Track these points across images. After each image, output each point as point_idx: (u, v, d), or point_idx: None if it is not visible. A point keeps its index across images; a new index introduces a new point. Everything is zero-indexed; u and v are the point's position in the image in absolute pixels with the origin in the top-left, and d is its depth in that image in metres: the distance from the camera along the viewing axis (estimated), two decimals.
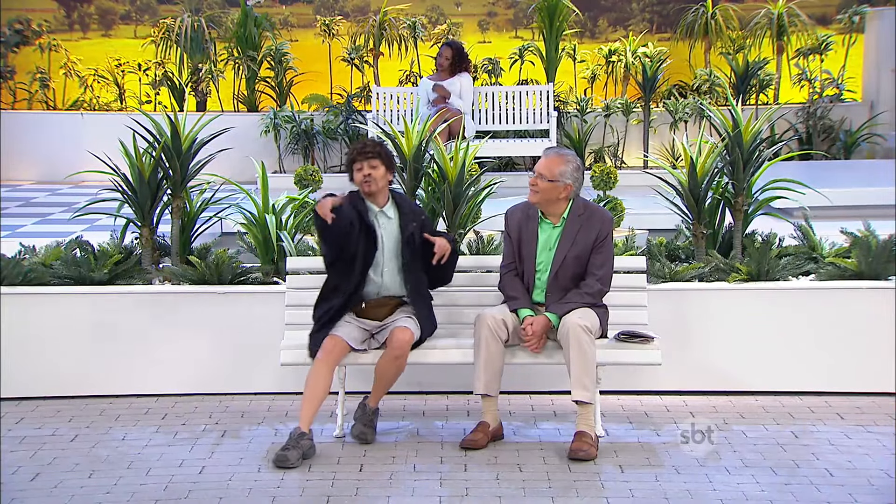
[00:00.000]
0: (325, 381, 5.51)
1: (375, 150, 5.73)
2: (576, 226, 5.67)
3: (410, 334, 5.60)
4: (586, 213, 5.71)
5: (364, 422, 5.71)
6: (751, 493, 4.98)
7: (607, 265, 5.70)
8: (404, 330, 5.60)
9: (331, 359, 5.55)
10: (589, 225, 5.67)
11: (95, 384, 6.45)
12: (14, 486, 5.12)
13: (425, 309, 5.75)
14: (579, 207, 5.71)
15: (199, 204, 7.02)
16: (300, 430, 5.42)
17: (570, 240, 5.66)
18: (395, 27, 13.30)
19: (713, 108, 7.38)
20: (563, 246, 5.67)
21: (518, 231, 5.77)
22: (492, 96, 11.86)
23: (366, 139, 6.13)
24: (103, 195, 6.94)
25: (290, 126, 12.21)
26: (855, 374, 6.39)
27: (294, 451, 5.33)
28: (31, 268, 6.48)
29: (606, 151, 12.62)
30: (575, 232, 5.66)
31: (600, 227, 5.67)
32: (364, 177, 5.70)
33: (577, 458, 5.36)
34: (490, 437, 5.59)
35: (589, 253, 5.66)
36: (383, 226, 5.73)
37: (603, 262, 5.68)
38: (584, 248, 5.65)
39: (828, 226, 7.13)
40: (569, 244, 5.66)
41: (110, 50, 14.83)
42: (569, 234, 5.67)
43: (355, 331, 5.65)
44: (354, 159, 5.74)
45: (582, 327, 5.44)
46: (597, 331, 5.60)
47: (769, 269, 6.42)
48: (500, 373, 5.59)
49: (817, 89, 13.06)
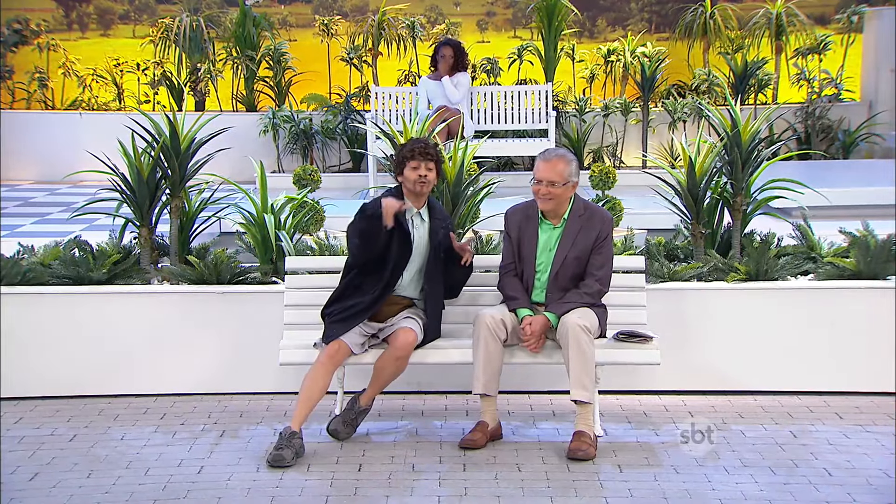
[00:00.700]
0: (323, 384, 5.50)
1: (435, 153, 5.68)
2: (576, 226, 5.66)
3: (414, 336, 5.59)
4: (587, 213, 5.70)
5: (345, 419, 5.69)
6: (749, 493, 4.98)
7: (607, 266, 5.70)
8: (408, 331, 5.59)
9: (332, 363, 5.54)
10: (589, 225, 5.66)
11: (94, 384, 6.44)
12: (13, 485, 5.11)
13: (435, 314, 5.73)
14: (580, 208, 5.71)
15: (198, 204, 7.02)
16: (291, 430, 5.41)
17: (571, 240, 5.65)
18: (393, 27, 13.30)
19: (712, 107, 7.38)
20: (563, 246, 5.66)
21: (518, 231, 5.76)
22: (490, 96, 11.86)
23: (422, 138, 6.03)
24: (102, 195, 6.94)
25: (289, 126, 12.21)
26: (854, 374, 6.39)
27: (288, 450, 5.32)
28: (29, 267, 6.48)
29: (605, 151, 12.63)
30: (576, 232, 5.65)
31: (601, 228, 5.66)
32: (420, 177, 5.62)
33: (576, 457, 5.36)
34: (489, 436, 5.59)
35: (589, 253, 5.66)
36: (417, 228, 5.70)
37: (602, 263, 5.67)
38: (584, 249, 5.65)
39: (826, 225, 7.13)
40: (569, 245, 5.65)
41: (109, 50, 14.85)
42: (569, 234, 5.66)
43: (359, 336, 5.62)
44: (412, 157, 5.63)
45: (581, 327, 5.44)
46: (595, 330, 5.60)
47: (768, 269, 6.42)
48: (498, 372, 5.58)
49: (816, 89, 13.07)
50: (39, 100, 14.12)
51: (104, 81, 13.97)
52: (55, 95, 14.19)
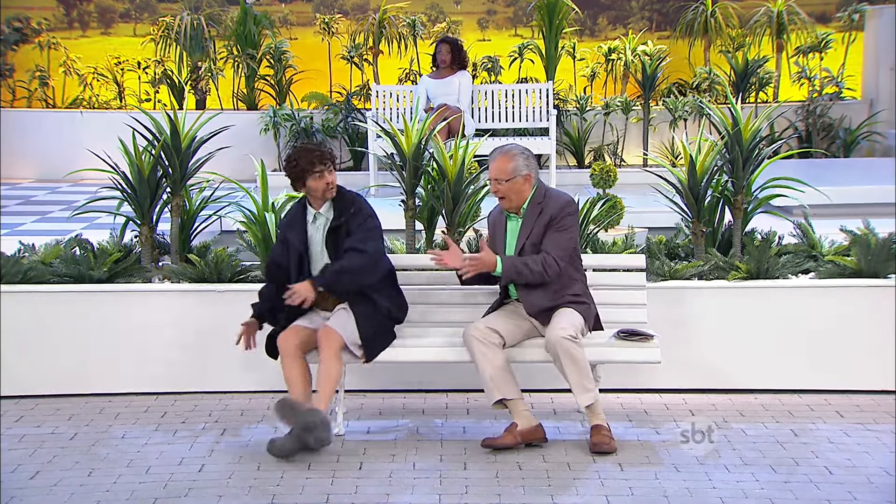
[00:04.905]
0: (298, 378, 5.54)
1: (330, 155, 5.70)
2: (534, 214, 5.65)
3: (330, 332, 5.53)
4: (545, 200, 5.67)
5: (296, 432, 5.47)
6: (750, 491, 4.98)
7: (561, 247, 5.57)
8: (326, 330, 5.56)
9: (291, 354, 5.56)
10: (546, 210, 5.63)
11: (95, 382, 6.45)
12: (13, 484, 5.12)
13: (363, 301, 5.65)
14: (539, 195, 5.68)
15: (199, 202, 7.02)
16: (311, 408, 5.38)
17: (529, 227, 5.65)
18: (394, 25, 13.29)
19: (713, 106, 7.37)
20: (521, 235, 5.67)
21: (493, 228, 5.83)
22: (491, 94, 11.85)
23: (307, 144, 5.87)
24: (103, 193, 6.94)
25: (290, 124, 12.20)
26: (854, 372, 6.39)
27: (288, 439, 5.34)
28: (30, 266, 6.49)
29: (606, 150, 12.62)
30: (533, 220, 5.64)
31: (555, 211, 5.60)
32: (328, 184, 5.66)
33: (601, 451, 5.40)
34: (520, 437, 5.48)
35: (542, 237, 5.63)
36: (318, 227, 5.73)
37: (557, 243, 5.56)
38: (538, 234, 5.62)
39: (827, 224, 7.12)
40: (528, 232, 5.65)
41: (109, 48, 14.84)
42: (528, 222, 5.66)
43: (312, 316, 5.67)
44: (312, 168, 5.60)
45: (563, 338, 5.40)
46: (582, 329, 5.58)
47: (769, 268, 6.42)
48: (507, 373, 5.51)
49: (817, 87, 13.06)
50: (40, 98, 14.12)
51: (105, 80, 13.96)
52: (56, 94, 14.18)
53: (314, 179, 5.62)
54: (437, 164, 6.69)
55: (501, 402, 5.51)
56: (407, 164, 6.65)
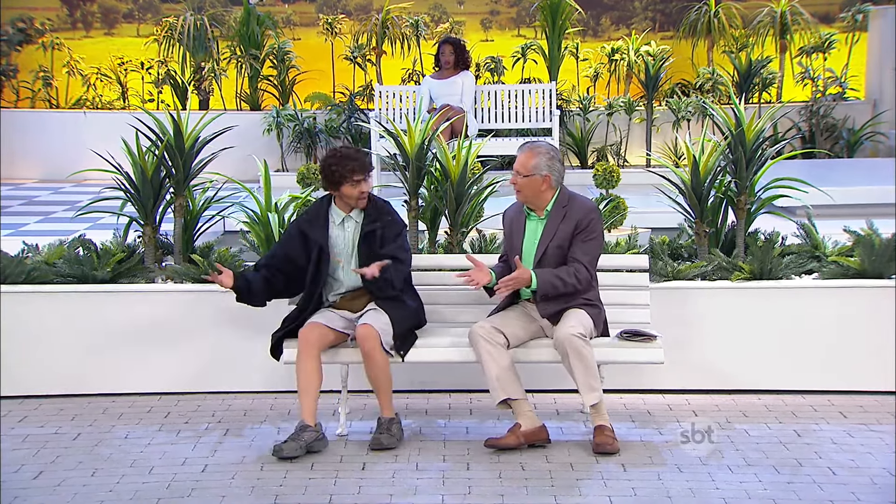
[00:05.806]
0: (313, 373, 5.51)
1: (370, 164, 5.71)
2: (559, 216, 5.65)
3: (370, 329, 5.52)
4: (570, 204, 5.68)
5: (380, 431, 5.61)
6: (753, 492, 4.98)
7: (592, 255, 5.62)
8: (364, 327, 5.54)
9: (311, 347, 5.53)
10: (571, 215, 5.64)
11: (98, 382, 6.45)
12: (16, 484, 5.12)
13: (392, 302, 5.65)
14: (564, 199, 5.69)
15: (202, 202, 7.02)
16: (303, 423, 5.42)
17: (553, 230, 5.64)
18: (397, 25, 13.29)
19: (716, 106, 7.36)
20: (545, 236, 5.66)
21: (510, 226, 5.80)
22: (494, 95, 11.85)
23: (350, 148, 5.86)
24: (106, 194, 6.94)
25: (293, 125, 12.21)
26: (858, 373, 6.38)
27: (293, 443, 5.34)
28: (34, 266, 6.49)
29: (609, 150, 12.62)
30: (558, 222, 5.64)
31: (582, 216, 5.61)
32: (362, 193, 5.66)
33: (604, 451, 5.39)
34: (523, 438, 5.47)
35: (570, 242, 5.62)
36: (347, 229, 5.71)
37: (588, 251, 5.60)
38: (564, 238, 5.61)
39: (831, 224, 7.12)
40: (551, 234, 5.64)
41: (113, 48, 14.84)
42: (552, 224, 5.65)
43: (334, 318, 5.65)
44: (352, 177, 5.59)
45: (573, 336, 5.41)
46: (591, 331, 5.58)
47: (772, 268, 6.42)
48: (512, 372, 5.51)
49: (820, 88, 13.06)
50: (44, 98, 14.13)
51: (108, 80, 13.97)
52: (59, 94, 14.20)
53: (350, 186, 5.63)
54: (441, 165, 6.69)
55: (506, 402, 5.51)
56: (410, 164, 6.66)
